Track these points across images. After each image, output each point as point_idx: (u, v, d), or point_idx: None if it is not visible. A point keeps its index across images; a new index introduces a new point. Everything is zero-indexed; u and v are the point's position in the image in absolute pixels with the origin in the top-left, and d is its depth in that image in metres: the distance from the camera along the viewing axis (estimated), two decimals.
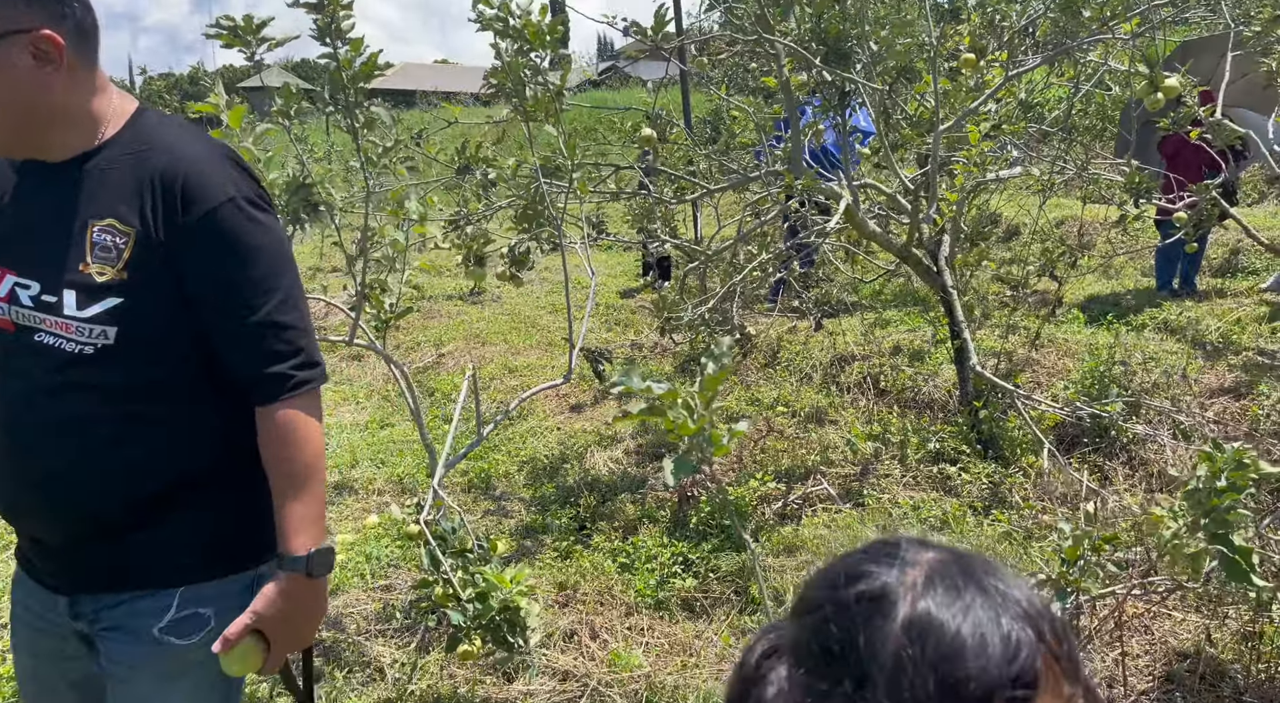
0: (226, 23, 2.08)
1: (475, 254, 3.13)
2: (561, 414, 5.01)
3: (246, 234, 1.22)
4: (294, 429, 1.27)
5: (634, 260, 9.14)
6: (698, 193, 4.22)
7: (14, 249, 1.25)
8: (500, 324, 7.11)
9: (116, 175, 1.22)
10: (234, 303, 1.23)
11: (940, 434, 3.76)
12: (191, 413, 1.28)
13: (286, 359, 1.26)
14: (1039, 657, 0.53)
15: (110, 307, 1.20)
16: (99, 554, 1.29)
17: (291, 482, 1.27)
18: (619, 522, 3.58)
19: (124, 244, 1.20)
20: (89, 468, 1.24)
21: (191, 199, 1.20)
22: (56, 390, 1.23)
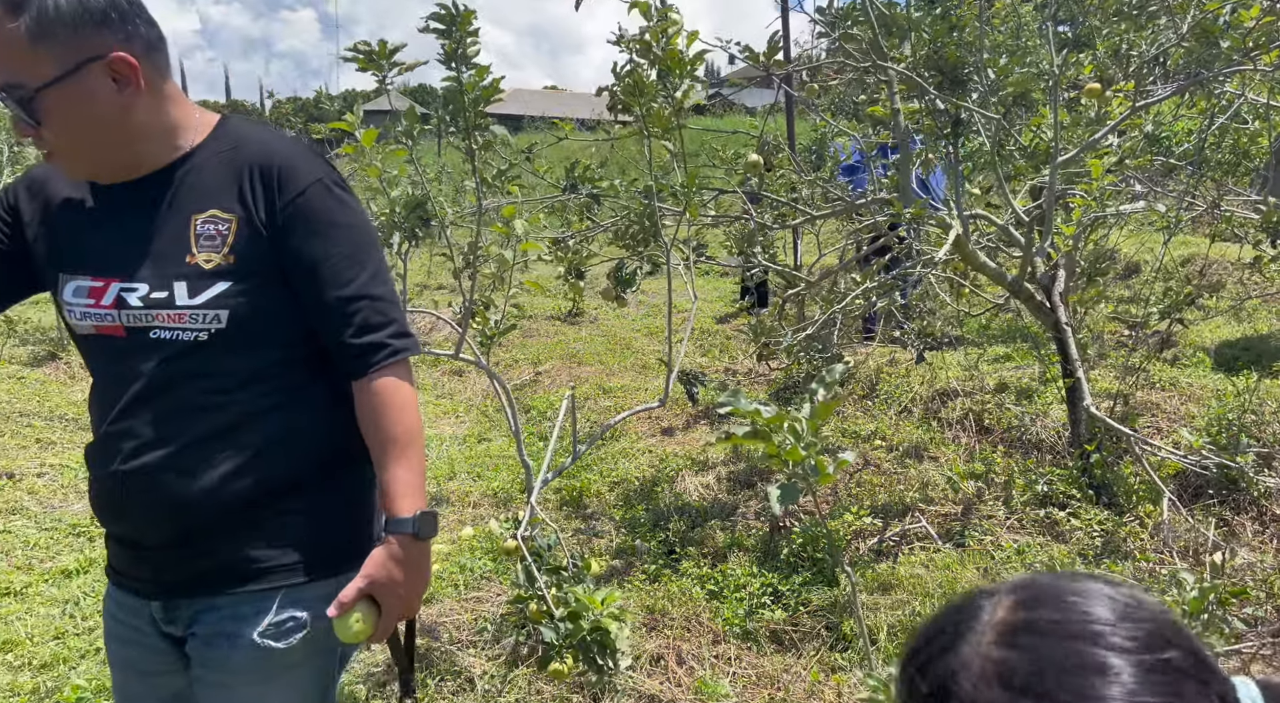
0: (363, 48, 2.19)
1: (575, 268, 3.17)
2: (653, 436, 5.01)
3: (335, 212, 1.27)
4: (393, 396, 1.29)
5: (729, 286, 9.12)
6: (799, 219, 4.18)
7: (115, 260, 1.27)
8: (596, 345, 7.19)
9: (211, 173, 1.26)
10: (329, 277, 1.26)
11: (1048, 477, 3.59)
12: (301, 404, 1.30)
13: (381, 329, 1.28)
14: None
15: (221, 291, 1.23)
16: (200, 554, 1.29)
17: (394, 447, 1.28)
18: (708, 548, 3.55)
19: (227, 229, 1.24)
20: (199, 459, 1.25)
21: (286, 182, 1.25)
22: (171, 382, 1.25)
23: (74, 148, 1.20)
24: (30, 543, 3.58)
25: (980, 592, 0.66)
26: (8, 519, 3.76)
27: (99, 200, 1.30)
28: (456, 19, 2.07)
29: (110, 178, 1.28)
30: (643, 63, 2.90)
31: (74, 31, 1.13)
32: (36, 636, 2.88)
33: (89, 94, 1.16)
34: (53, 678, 2.66)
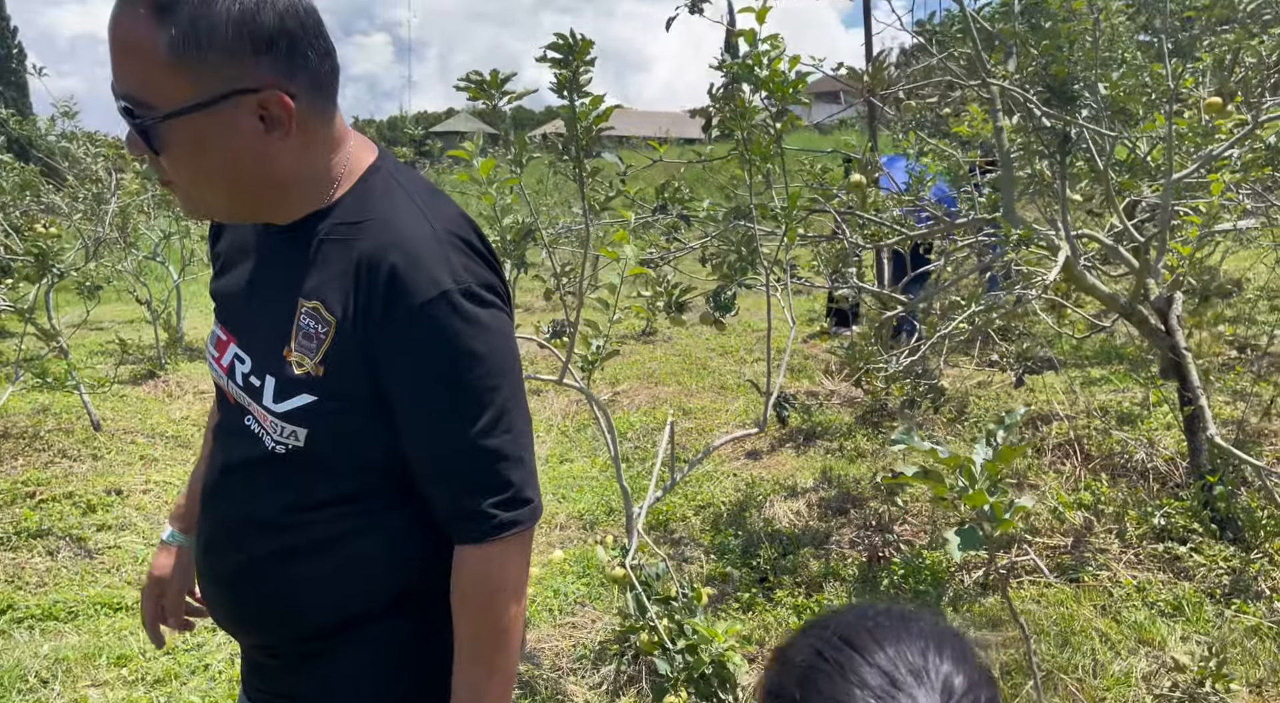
0: (475, 77, 2.21)
1: (677, 302, 3.15)
2: (738, 460, 4.95)
3: (458, 336, 1.00)
4: (484, 580, 1.05)
5: (808, 305, 9.00)
6: (895, 239, 4.09)
7: (240, 316, 1.13)
8: (672, 365, 7.16)
9: (332, 249, 1.04)
10: (435, 419, 1.03)
11: (1166, 509, 3.42)
12: (392, 531, 1.10)
13: (490, 493, 1.03)
14: None
15: (303, 404, 1.03)
16: (273, 675, 1.18)
17: (472, 643, 1.06)
18: (802, 577, 3.47)
19: (325, 334, 1.02)
20: (269, 579, 1.11)
21: (397, 291, 0.99)
22: (249, 487, 1.11)
23: (193, 186, 1.00)
24: (140, 559, 3.68)
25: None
26: (118, 535, 3.89)
27: (259, 232, 1.13)
28: (574, 49, 2.08)
29: (242, 220, 1.11)
30: (743, 86, 2.88)
31: (228, 56, 0.92)
32: (149, 651, 2.95)
33: (228, 130, 0.95)
34: (165, 693, 2.72)
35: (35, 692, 2.73)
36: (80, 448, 4.98)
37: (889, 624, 0.65)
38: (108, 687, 2.77)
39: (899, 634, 0.64)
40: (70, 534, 3.81)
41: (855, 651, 0.63)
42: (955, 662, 0.64)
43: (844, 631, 0.65)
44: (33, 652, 2.93)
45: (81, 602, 3.26)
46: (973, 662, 0.65)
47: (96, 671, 2.86)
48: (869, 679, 0.61)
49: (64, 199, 6.84)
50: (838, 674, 0.61)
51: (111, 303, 9.80)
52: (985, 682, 0.64)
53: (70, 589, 3.39)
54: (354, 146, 1.09)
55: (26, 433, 5.06)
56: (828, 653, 0.64)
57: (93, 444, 5.04)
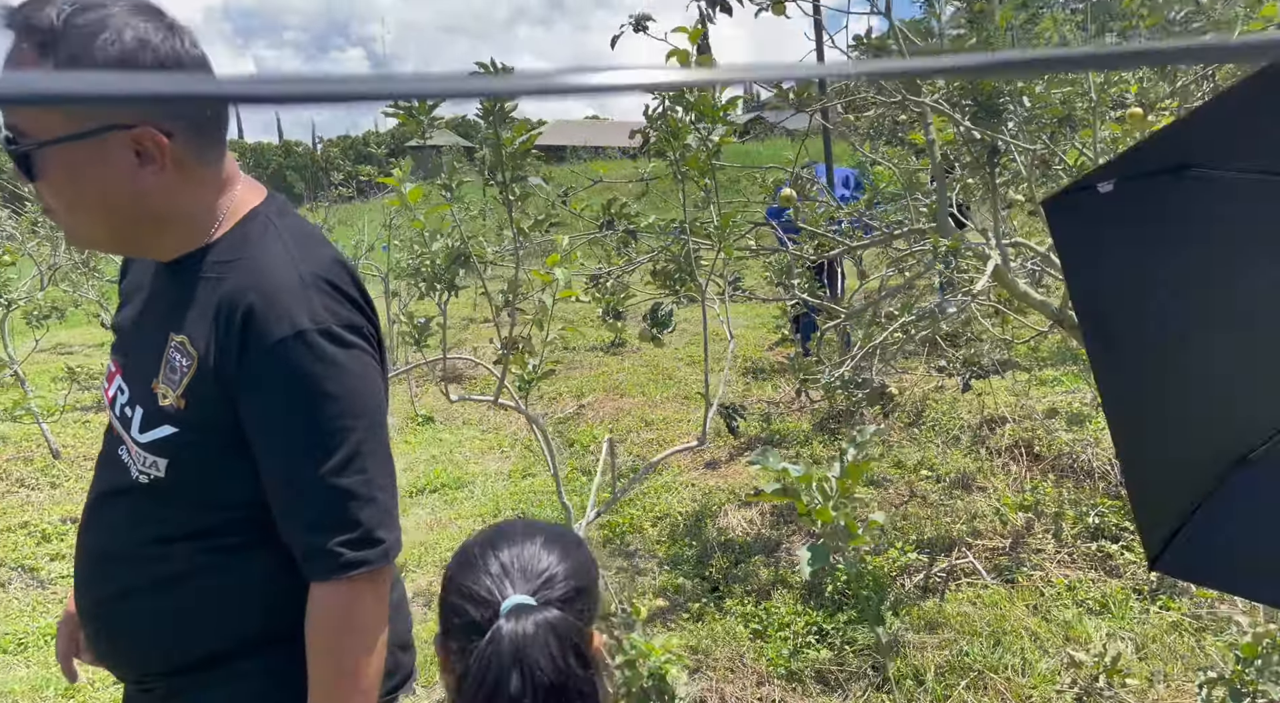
0: (403, 104, 2.26)
1: (614, 308, 3.20)
2: (696, 470, 5.00)
3: (311, 376, 1.02)
4: (334, 617, 1.05)
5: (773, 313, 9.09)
6: (838, 249, 4.17)
7: (127, 348, 1.17)
8: (639, 376, 7.21)
9: (203, 288, 1.07)
10: (286, 456, 1.04)
11: (1100, 508, 3.50)
12: (244, 570, 1.11)
13: (338, 532, 1.04)
14: None
15: (164, 435, 1.06)
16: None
17: (323, 680, 1.05)
18: (752, 585, 3.52)
19: (188, 367, 1.05)
20: (133, 611, 1.12)
21: (253, 330, 1.02)
22: (117, 516, 1.14)
23: (70, 214, 1.04)
24: None
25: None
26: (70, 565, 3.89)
27: (154, 271, 1.17)
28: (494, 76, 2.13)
29: (121, 253, 1.16)
30: (677, 108, 2.95)
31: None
32: (100, 680, 2.96)
33: (101, 162, 0.99)
34: None
35: None
36: (39, 477, 4.97)
37: (518, 531, 0.93)
38: None
39: (522, 539, 0.91)
40: (23, 565, 3.82)
41: (491, 549, 0.91)
42: (560, 558, 0.90)
43: (490, 535, 0.94)
44: None
45: (31, 633, 3.27)
46: (575, 558, 0.92)
47: (44, 702, 2.87)
48: (491, 568, 0.89)
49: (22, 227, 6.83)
50: (477, 564, 0.90)
51: (81, 326, 9.75)
52: (578, 572, 0.91)
53: (20, 621, 3.39)
54: (240, 189, 1.13)
55: None
56: (475, 550, 0.92)
57: (51, 472, 5.03)
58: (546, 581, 0.87)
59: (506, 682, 0.81)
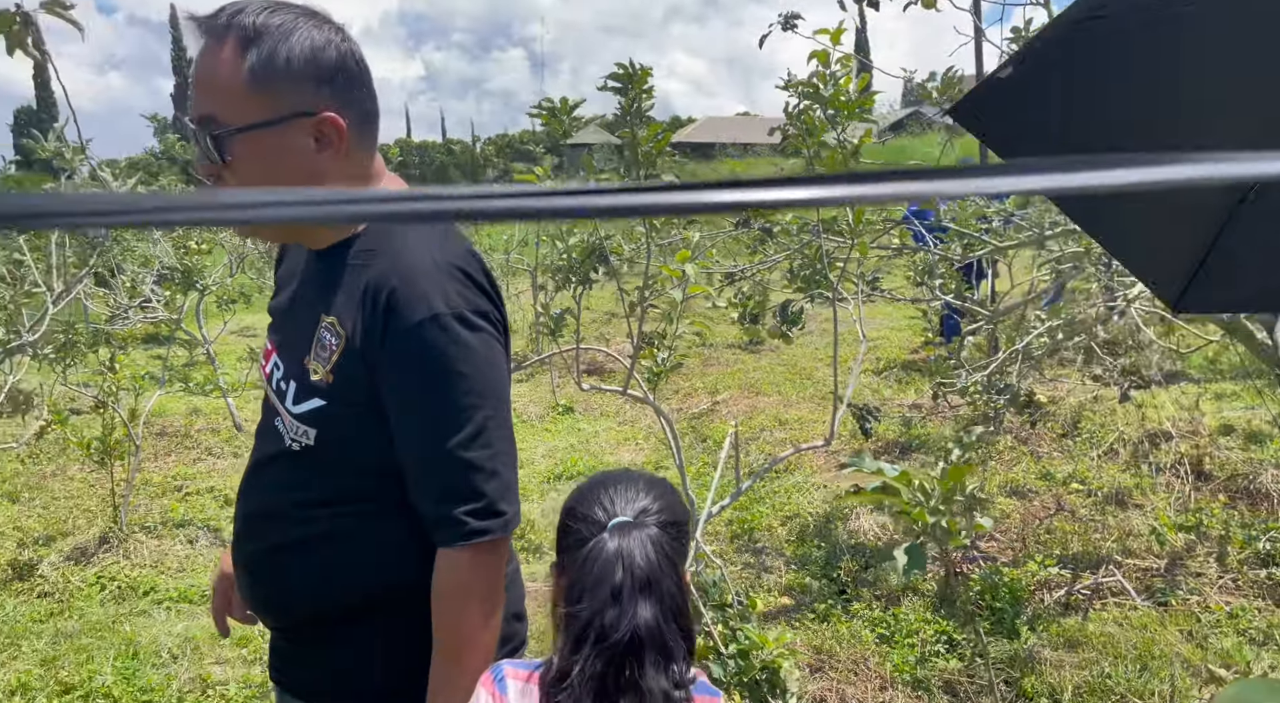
0: (546, 105, 2.38)
1: (750, 312, 3.22)
2: (829, 471, 4.94)
3: (445, 355, 1.10)
4: (457, 582, 1.13)
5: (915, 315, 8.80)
6: (985, 249, 4.02)
7: (282, 328, 1.27)
8: (776, 374, 7.17)
9: (350, 274, 1.17)
10: (419, 430, 1.12)
11: (1275, 533, 3.22)
12: (387, 531, 1.19)
13: (464, 502, 1.11)
14: None
15: (314, 408, 1.16)
16: (290, 656, 1.29)
17: (444, 644, 1.13)
18: (881, 590, 3.46)
19: (336, 346, 1.15)
20: (280, 567, 1.23)
21: (394, 312, 1.10)
22: (271, 480, 1.24)
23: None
24: None
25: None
26: None
27: (305, 260, 1.28)
28: (633, 78, 2.21)
29: (277, 239, 1.25)
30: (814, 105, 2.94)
31: (295, 83, 1.08)
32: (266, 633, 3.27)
33: (286, 147, 1.10)
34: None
35: (166, 666, 3.08)
36: (224, 446, 5.50)
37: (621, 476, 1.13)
38: (229, 664, 3.09)
39: (625, 480, 1.11)
40: (209, 525, 4.24)
41: (601, 486, 1.10)
42: (655, 498, 1.08)
43: (599, 477, 1.14)
44: (167, 630, 3.30)
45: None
46: (666, 499, 1.10)
47: (220, 650, 3.19)
48: (601, 499, 1.08)
49: None
50: (589, 496, 1.09)
51: (262, 311, 10.67)
52: (669, 509, 1.08)
53: (204, 575, 3.78)
54: (385, 184, 1.23)
55: (180, 432, 5.63)
56: (587, 487, 1.12)
57: (234, 443, 5.55)
58: (643, 510, 1.06)
59: (611, 574, 0.99)
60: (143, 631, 3.27)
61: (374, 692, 1.23)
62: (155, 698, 2.84)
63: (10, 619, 3.35)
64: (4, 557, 3.89)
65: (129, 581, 3.67)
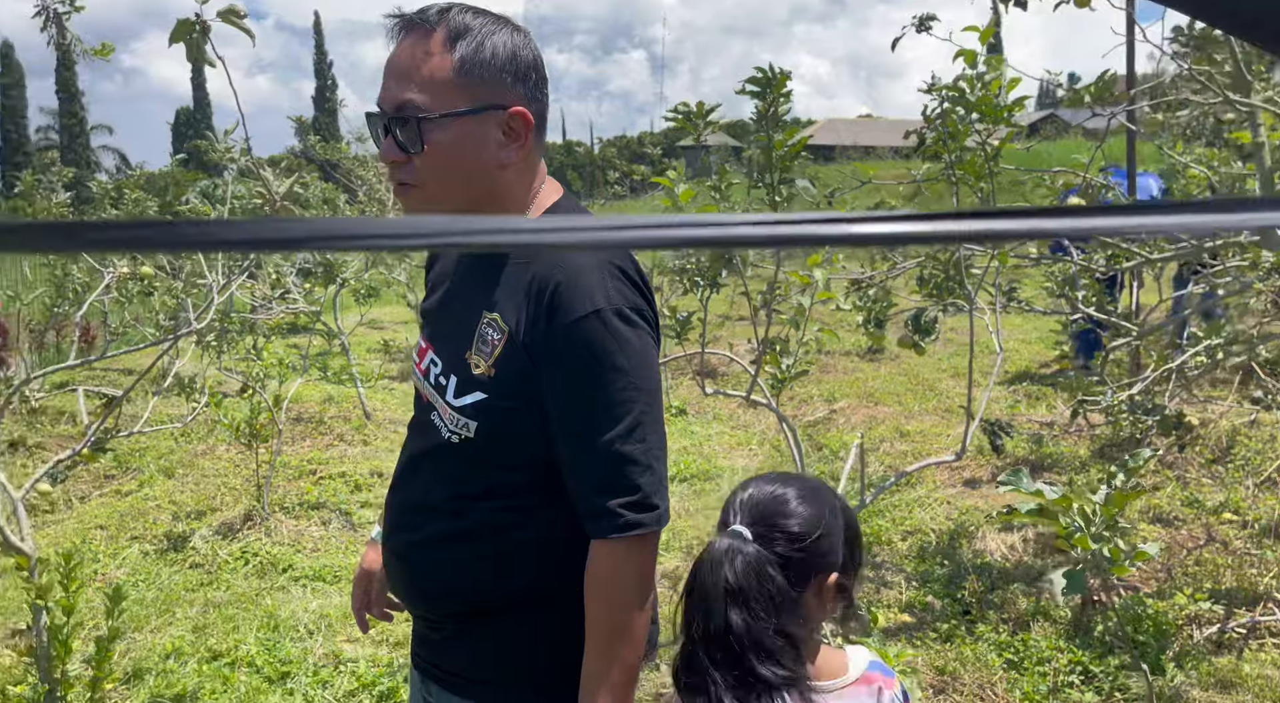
0: (682, 109, 2.39)
1: (876, 317, 3.14)
2: (954, 487, 4.76)
3: (605, 351, 1.14)
4: (611, 574, 1.16)
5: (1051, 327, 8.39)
6: (1135, 262, 3.79)
7: (438, 327, 1.32)
8: (896, 384, 6.97)
9: (513, 271, 1.20)
10: (578, 422, 1.15)
11: None
12: (541, 524, 1.22)
13: (619, 494, 1.14)
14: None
15: (475, 401, 1.19)
16: (440, 646, 1.32)
17: (597, 633, 1.16)
18: (1008, 614, 3.31)
19: (499, 341, 1.18)
20: (435, 558, 1.25)
21: (558, 307, 1.14)
22: (428, 473, 1.27)
23: (436, 185, 1.17)
24: None
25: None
26: (377, 512, 4.48)
27: (458, 260, 1.34)
28: (772, 82, 2.19)
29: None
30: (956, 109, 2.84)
31: (496, 77, 1.15)
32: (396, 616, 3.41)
33: (478, 137, 1.16)
34: (402, 654, 3.13)
35: (303, 640, 3.25)
36: (354, 434, 5.76)
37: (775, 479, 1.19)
38: (359, 644, 3.24)
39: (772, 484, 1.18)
40: (340, 508, 4.46)
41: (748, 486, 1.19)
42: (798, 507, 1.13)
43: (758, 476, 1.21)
44: (304, 606, 3.48)
45: (345, 567, 3.82)
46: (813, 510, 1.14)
47: (351, 629, 3.34)
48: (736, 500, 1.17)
49: (354, 213, 7.93)
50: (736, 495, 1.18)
51: (390, 305, 11.13)
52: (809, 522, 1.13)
53: (337, 556, 3.97)
54: (547, 184, 1.29)
55: (314, 418, 5.94)
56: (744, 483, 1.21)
57: (364, 431, 5.81)
58: (769, 522, 1.12)
59: (703, 577, 1.10)
60: (282, 605, 3.46)
61: (534, 686, 1.26)
62: (293, 670, 3.00)
63: (166, 587, 3.61)
64: (160, 528, 4.20)
65: (270, 557, 3.89)
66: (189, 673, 2.95)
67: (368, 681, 2.93)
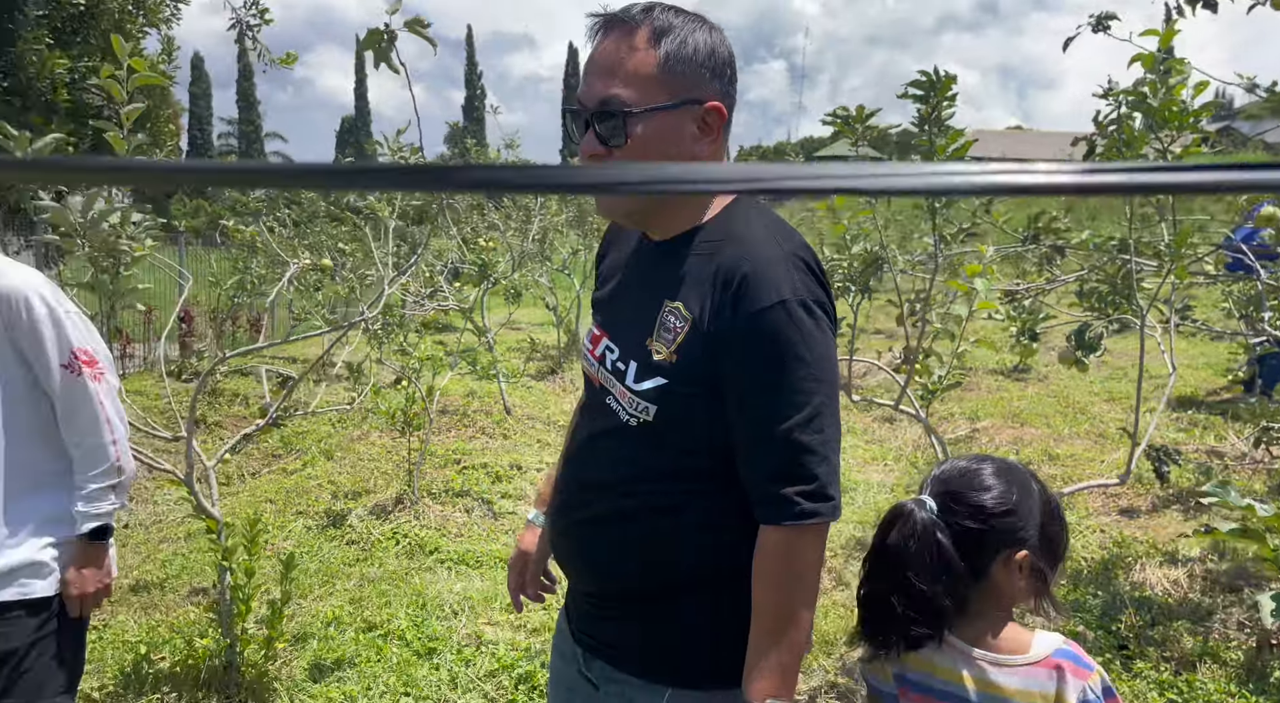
0: (840, 113, 2.38)
1: (1030, 329, 3.02)
2: (1108, 515, 4.49)
3: (789, 341, 1.15)
4: (783, 561, 1.16)
5: (1225, 351, 7.78)
6: None
7: (613, 316, 1.35)
8: (1044, 405, 6.64)
9: (696, 261, 1.22)
10: (759, 408, 1.16)
11: None
12: (712, 509, 1.24)
13: (796, 482, 1.15)
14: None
15: (656, 385, 1.21)
16: (607, 625, 1.33)
17: (766, 616, 1.17)
18: (1171, 652, 3.10)
19: (681, 329, 1.20)
20: (606, 536, 1.28)
21: (744, 297, 1.16)
22: (603, 453, 1.29)
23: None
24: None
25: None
26: (516, 503, 4.65)
27: (636, 249, 1.37)
28: (936, 86, 2.16)
29: (638, 227, 1.33)
30: (1134, 115, 2.71)
31: (696, 73, 1.19)
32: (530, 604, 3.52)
33: (677, 130, 1.20)
34: (540, 641, 3.23)
35: (448, 619, 3.40)
36: (495, 427, 5.99)
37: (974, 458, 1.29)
38: (498, 627, 3.37)
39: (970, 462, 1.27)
40: (482, 497, 4.64)
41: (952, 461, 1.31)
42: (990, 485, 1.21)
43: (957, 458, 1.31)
44: (449, 588, 3.65)
45: (486, 554, 3.98)
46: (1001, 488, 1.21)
47: (492, 612, 3.48)
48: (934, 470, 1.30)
49: (500, 218, 8.25)
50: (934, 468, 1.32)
51: (528, 307, 11.50)
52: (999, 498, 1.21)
53: (479, 541, 4.14)
54: None
55: (459, 411, 6.21)
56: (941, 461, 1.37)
57: (504, 425, 6.03)
58: (954, 493, 1.22)
59: (886, 531, 1.25)
60: (429, 585, 3.64)
61: (698, 670, 1.27)
62: (439, 647, 3.15)
63: (327, 561, 3.87)
64: (321, 505, 4.49)
65: (418, 539, 4.10)
66: (347, 641, 3.15)
67: (507, 663, 3.04)
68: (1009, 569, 1.19)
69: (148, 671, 2.80)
